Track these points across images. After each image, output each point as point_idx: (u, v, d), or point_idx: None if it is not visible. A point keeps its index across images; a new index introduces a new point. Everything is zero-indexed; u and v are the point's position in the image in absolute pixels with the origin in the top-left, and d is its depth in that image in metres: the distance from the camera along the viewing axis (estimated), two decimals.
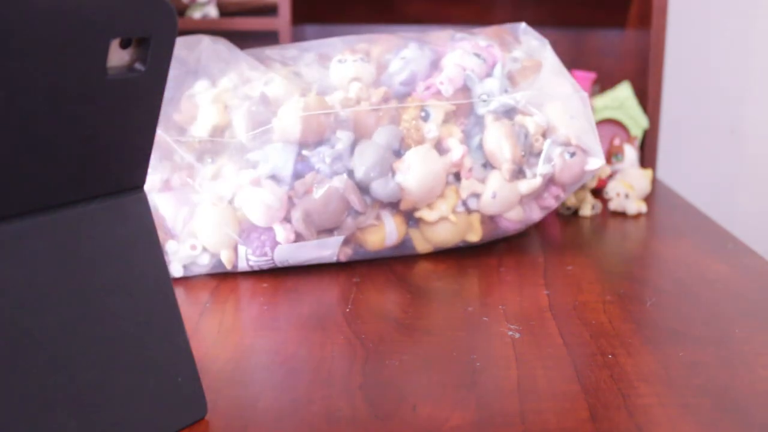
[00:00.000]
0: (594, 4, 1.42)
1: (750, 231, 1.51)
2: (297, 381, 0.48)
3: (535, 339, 0.54)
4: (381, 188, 0.66)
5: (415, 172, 0.66)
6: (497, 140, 0.68)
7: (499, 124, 0.69)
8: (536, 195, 0.71)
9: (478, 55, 0.71)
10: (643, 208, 0.88)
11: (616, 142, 1.02)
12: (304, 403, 0.46)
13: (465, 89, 0.70)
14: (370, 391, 0.47)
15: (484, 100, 0.69)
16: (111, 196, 0.39)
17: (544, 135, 0.70)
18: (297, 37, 1.36)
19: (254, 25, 1.31)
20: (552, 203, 0.72)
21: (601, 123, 1.13)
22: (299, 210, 0.64)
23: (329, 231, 0.67)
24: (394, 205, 0.68)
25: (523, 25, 0.78)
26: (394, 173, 0.66)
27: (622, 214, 0.89)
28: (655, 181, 1.06)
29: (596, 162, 0.71)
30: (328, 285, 0.65)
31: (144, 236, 0.41)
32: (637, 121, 1.17)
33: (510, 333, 0.55)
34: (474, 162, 0.69)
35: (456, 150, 0.68)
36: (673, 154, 1.54)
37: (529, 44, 0.76)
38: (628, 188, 0.89)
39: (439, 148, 0.69)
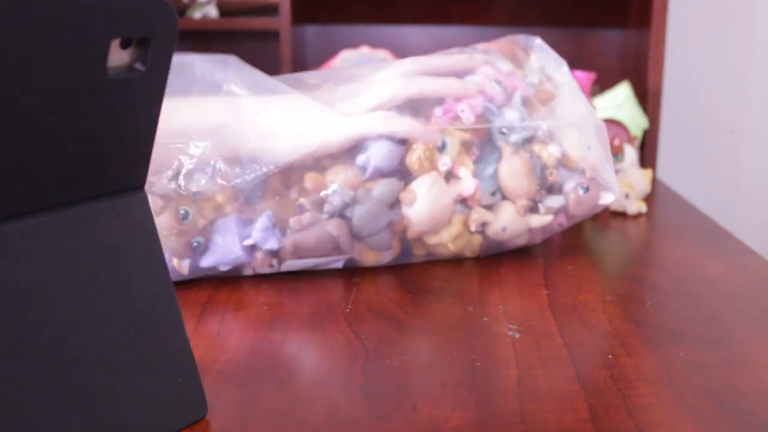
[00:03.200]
0: (594, 4, 1.42)
1: (750, 231, 1.51)
2: (297, 381, 0.48)
3: (535, 339, 0.54)
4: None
5: (421, 204, 0.65)
6: (514, 175, 0.67)
7: (518, 159, 0.67)
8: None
9: (499, 83, 0.69)
10: (643, 208, 0.89)
11: (616, 142, 1.02)
12: (304, 403, 0.46)
13: (482, 116, 0.68)
14: (370, 391, 0.47)
15: (504, 133, 0.67)
16: (111, 196, 0.39)
17: (559, 165, 0.69)
18: (297, 37, 1.36)
19: (254, 25, 1.31)
20: (556, 228, 0.72)
21: None
22: (290, 242, 0.62)
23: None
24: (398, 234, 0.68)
25: (538, 40, 0.75)
26: (399, 204, 0.65)
27: (622, 214, 0.89)
28: (655, 181, 1.06)
29: (609, 197, 0.69)
30: (328, 285, 0.65)
31: (144, 236, 0.41)
32: (637, 121, 1.17)
33: (510, 333, 0.55)
34: (484, 191, 0.68)
35: (468, 183, 0.66)
36: (673, 154, 1.54)
37: (545, 63, 0.73)
38: (628, 188, 0.89)
39: (448, 174, 0.67)
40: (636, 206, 0.88)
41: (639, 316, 0.58)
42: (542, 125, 0.68)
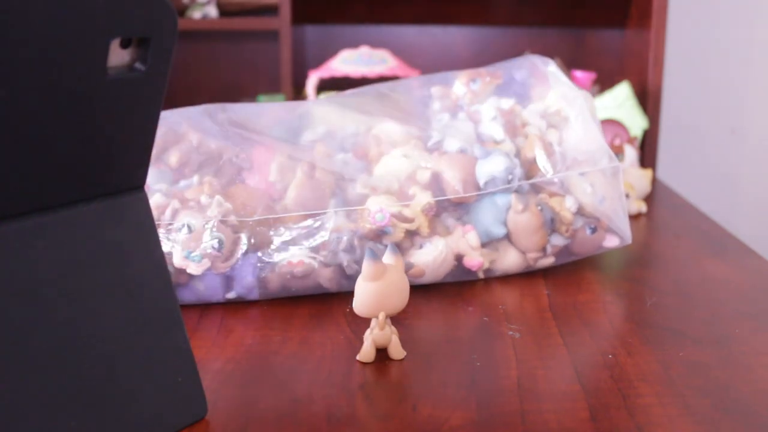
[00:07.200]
0: (594, 4, 1.42)
1: (750, 231, 1.51)
2: (297, 381, 0.48)
3: (535, 339, 0.54)
4: None
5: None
6: (526, 232, 0.65)
7: (528, 215, 0.64)
8: None
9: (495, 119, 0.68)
10: (643, 208, 0.88)
11: (616, 142, 1.02)
12: (304, 403, 0.46)
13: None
14: (370, 391, 0.47)
15: (509, 181, 0.65)
16: (111, 196, 0.39)
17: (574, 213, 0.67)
18: (297, 37, 1.36)
19: (254, 25, 1.31)
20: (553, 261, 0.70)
21: (601, 123, 1.13)
22: (276, 281, 0.61)
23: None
24: None
25: (551, 66, 0.72)
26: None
27: None
28: (655, 181, 1.06)
29: (615, 241, 0.68)
30: None
31: (144, 236, 0.41)
32: (637, 121, 1.17)
33: (510, 333, 0.55)
34: (490, 239, 0.66)
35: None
36: (673, 154, 1.54)
37: (558, 90, 0.70)
38: (628, 188, 0.89)
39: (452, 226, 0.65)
40: (636, 206, 0.88)
41: (639, 316, 0.58)
42: (556, 176, 0.66)
